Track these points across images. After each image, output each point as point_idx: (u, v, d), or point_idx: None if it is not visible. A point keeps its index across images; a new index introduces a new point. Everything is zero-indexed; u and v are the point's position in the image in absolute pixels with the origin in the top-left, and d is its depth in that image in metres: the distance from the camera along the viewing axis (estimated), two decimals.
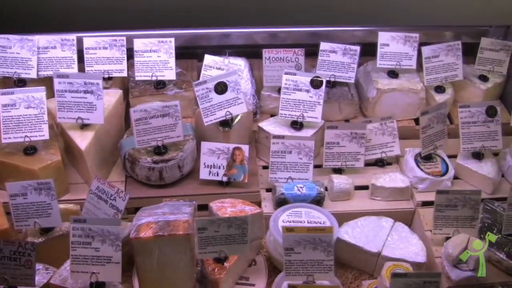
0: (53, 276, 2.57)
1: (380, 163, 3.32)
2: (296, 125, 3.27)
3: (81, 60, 3.41)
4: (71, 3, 3.64)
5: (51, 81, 3.07)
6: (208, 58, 3.50)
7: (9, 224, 2.75)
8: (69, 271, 2.50)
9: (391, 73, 3.56)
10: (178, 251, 2.54)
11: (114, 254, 2.47)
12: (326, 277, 2.55)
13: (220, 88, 3.14)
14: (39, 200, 2.68)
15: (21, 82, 3.36)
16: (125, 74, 3.45)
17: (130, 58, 3.46)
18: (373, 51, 3.55)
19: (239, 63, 3.62)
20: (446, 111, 3.30)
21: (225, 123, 3.18)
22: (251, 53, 3.70)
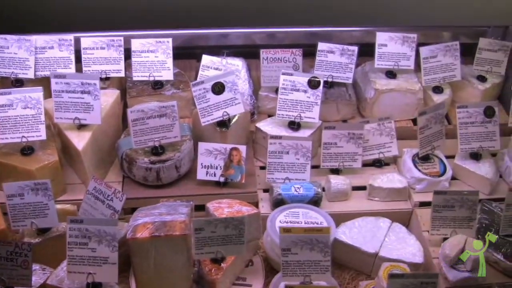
0: (49, 276, 2.57)
1: (377, 163, 3.31)
2: (293, 125, 3.27)
3: (78, 60, 3.41)
4: (71, 3, 3.65)
5: (48, 82, 3.06)
6: (206, 59, 3.50)
7: (6, 225, 2.75)
8: (66, 271, 2.50)
9: (389, 74, 3.56)
10: (175, 252, 2.54)
11: (110, 254, 2.47)
12: (323, 278, 2.55)
13: (218, 88, 3.14)
14: (36, 200, 2.68)
15: (18, 82, 3.37)
16: (122, 74, 3.44)
17: (127, 58, 3.46)
18: (371, 52, 3.55)
19: (237, 63, 3.61)
20: (444, 111, 3.30)
21: (222, 124, 3.18)
22: (249, 53, 3.70)
